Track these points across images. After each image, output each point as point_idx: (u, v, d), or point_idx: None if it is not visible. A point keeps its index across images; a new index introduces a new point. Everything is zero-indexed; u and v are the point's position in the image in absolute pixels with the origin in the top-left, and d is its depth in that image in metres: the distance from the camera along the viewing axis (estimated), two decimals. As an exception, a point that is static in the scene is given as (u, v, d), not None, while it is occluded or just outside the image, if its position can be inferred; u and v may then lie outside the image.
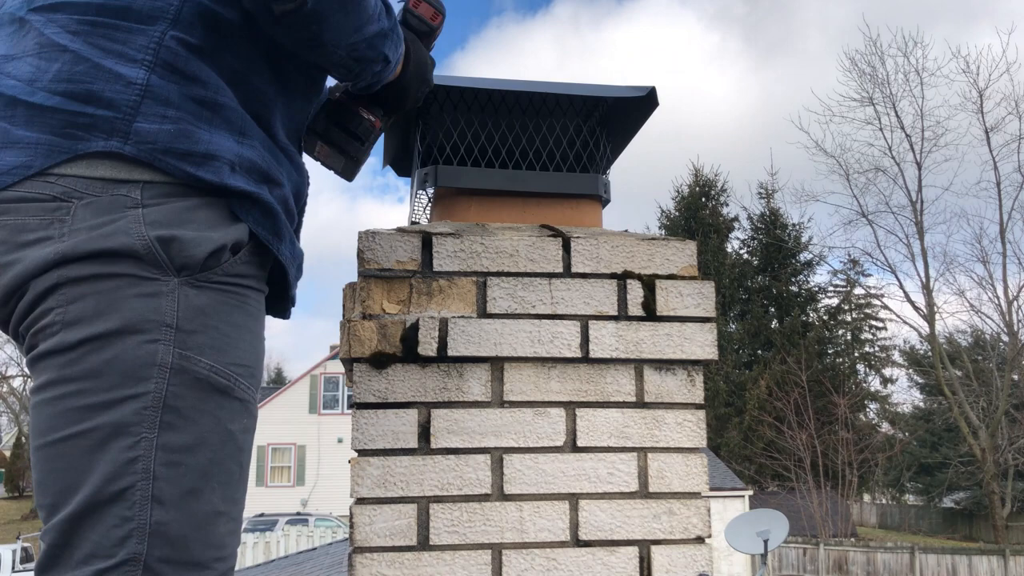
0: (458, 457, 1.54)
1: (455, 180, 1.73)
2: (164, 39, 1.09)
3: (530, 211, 1.75)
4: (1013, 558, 21.52)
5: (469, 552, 1.51)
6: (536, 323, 1.59)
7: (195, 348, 1.06)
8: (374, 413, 1.53)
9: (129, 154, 1.05)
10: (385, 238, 1.58)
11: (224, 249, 1.09)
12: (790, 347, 32.17)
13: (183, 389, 1.04)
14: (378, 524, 1.50)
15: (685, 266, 1.66)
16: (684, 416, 1.62)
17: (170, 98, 1.08)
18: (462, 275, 1.59)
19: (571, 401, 1.59)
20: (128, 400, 1.02)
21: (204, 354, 1.06)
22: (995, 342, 31.64)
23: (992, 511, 28.59)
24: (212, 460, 1.07)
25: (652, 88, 1.75)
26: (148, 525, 1.01)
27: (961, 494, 34.70)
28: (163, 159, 1.06)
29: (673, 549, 1.57)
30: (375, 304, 1.56)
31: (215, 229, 1.08)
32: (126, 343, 1.02)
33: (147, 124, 1.06)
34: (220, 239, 1.08)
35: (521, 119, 1.76)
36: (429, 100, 1.73)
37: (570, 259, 1.63)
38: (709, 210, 37.09)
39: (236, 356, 1.10)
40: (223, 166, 1.09)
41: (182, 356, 1.05)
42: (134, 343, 1.03)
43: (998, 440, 28.58)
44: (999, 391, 28.38)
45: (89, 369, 1.02)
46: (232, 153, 1.10)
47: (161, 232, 1.05)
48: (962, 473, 31.06)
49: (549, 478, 1.55)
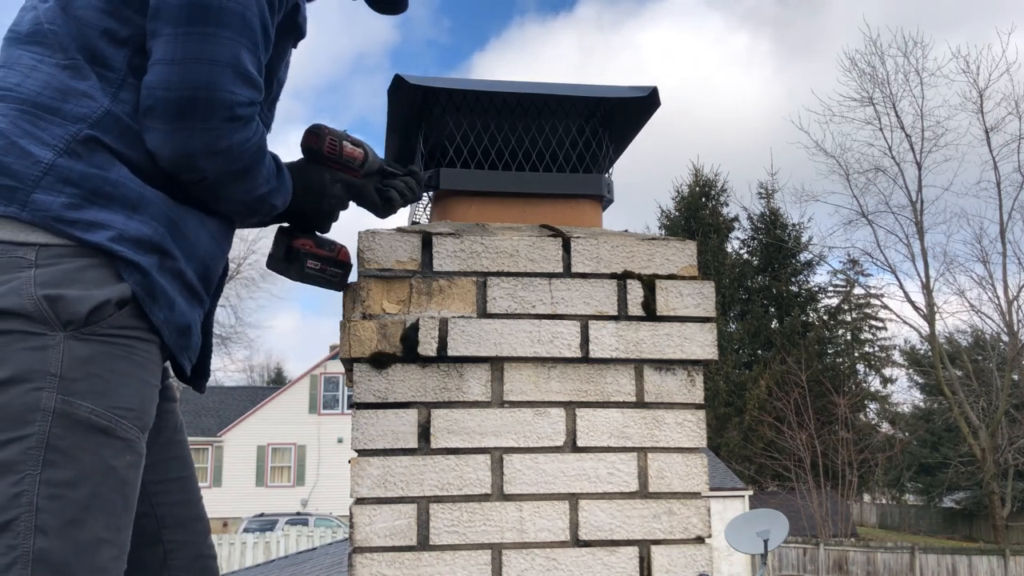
0: (458, 457, 1.54)
1: (458, 182, 1.73)
2: (79, 134, 1.24)
3: (530, 211, 1.75)
4: (1013, 558, 21.50)
5: (469, 552, 1.51)
6: (536, 323, 1.59)
7: (77, 394, 1.18)
8: (374, 413, 1.53)
9: (25, 219, 1.19)
10: (385, 238, 1.59)
11: (108, 304, 1.21)
12: (790, 347, 32.16)
13: (64, 431, 1.17)
14: (378, 524, 1.50)
15: (685, 266, 1.66)
16: (684, 416, 1.62)
17: (71, 178, 1.22)
18: (462, 275, 1.60)
19: (571, 401, 1.59)
20: (14, 442, 1.14)
21: (85, 399, 1.19)
22: (995, 342, 31.64)
23: (992, 511, 28.58)
24: (93, 493, 1.18)
25: (654, 88, 1.75)
26: (31, 552, 1.13)
27: (961, 494, 34.69)
28: (54, 224, 1.20)
29: (673, 549, 1.57)
30: (375, 304, 1.56)
31: (100, 287, 1.21)
32: (13, 391, 1.15)
33: (44, 196, 1.21)
34: (102, 296, 1.21)
35: (523, 120, 1.76)
36: (431, 102, 1.73)
37: (570, 259, 1.63)
38: (709, 210, 37.09)
39: (119, 400, 1.22)
40: (109, 232, 1.23)
41: (64, 401, 1.17)
42: (21, 391, 1.15)
43: (998, 440, 28.57)
44: (999, 391, 28.38)
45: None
46: (120, 224, 1.24)
47: (48, 292, 1.18)
48: (962, 473, 31.04)
49: (549, 478, 1.55)
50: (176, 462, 1.49)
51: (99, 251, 1.22)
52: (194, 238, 1.34)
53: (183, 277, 1.32)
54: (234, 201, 1.37)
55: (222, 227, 1.41)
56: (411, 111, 1.76)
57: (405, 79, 1.66)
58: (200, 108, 1.24)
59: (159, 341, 1.30)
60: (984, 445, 28.04)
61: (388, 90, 1.70)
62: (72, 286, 1.19)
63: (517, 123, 1.76)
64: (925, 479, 36.03)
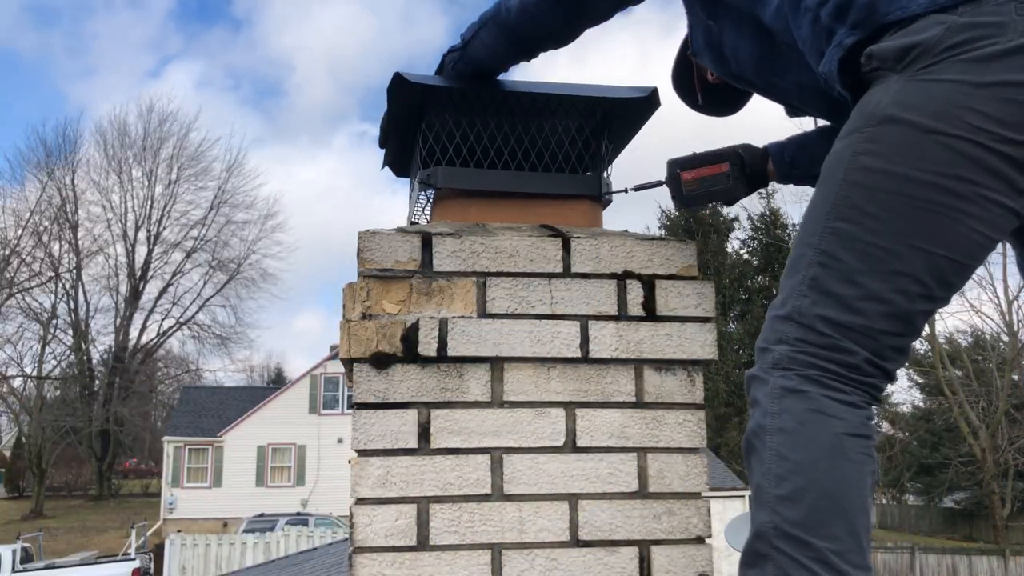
0: (458, 457, 1.54)
1: (457, 181, 1.73)
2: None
3: (530, 211, 1.75)
4: (1013, 558, 21.50)
5: (469, 552, 1.51)
6: (536, 323, 1.59)
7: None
8: (374, 413, 1.53)
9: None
10: (385, 238, 1.59)
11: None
12: (790, 347, 32.08)
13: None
14: (378, 524, 1.50)
15: (685, 266, 1.66)
16: (684, 416, 1.62)
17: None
18: (462, 275, 1.59)
19: (571, 401, 1.59)
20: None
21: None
22: (995, 342, 31.64)
23: (992, 511, 28.59)
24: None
25: (654, 89, 1.75)
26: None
27: (961, 494, 34.69)
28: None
29: (673, 549, 1.57)
30: (375, 304, 1.56)
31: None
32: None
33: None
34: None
35: (523, 120, 1.76)
36: (431, 101, 1.73)
37: (570, 259, 1.63)
38: (709, 210, 37.07)
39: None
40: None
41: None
42: None
43: (998, 440, 28.57)
44: (999, 391, 28.38)
45: None
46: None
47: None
48: (962, 473, 31.05)
49: (549, 478, 1.55)
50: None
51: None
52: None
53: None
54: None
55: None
56: (411, 109, 1.76)
57: (405, 77, 1.66)
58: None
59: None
60: (984, 445, 28.05)
61: (388, 88, 1.70)
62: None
63: (517, 122, 1.76)
64: (925, 479, 36.01)
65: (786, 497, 1.20)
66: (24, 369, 40.39)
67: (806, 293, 1.26)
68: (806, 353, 1.25)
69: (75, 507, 37.72)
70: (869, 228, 1.23)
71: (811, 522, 1.18)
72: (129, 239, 41.91)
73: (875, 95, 1.27)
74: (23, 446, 41.17)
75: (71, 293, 41.22)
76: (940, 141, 1.19)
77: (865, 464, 1.23)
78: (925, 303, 1.26)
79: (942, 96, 1.20)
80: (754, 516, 1.23)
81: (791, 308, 1.28)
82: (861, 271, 1.23)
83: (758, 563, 1.22)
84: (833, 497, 1.19)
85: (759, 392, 1.28)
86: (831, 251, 1.25)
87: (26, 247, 39.49)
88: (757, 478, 1.25)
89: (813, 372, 1.24)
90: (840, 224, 1.25)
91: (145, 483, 45.71)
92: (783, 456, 1.22)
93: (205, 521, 28.99)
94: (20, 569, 18.67)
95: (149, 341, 42.87)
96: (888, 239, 1.23)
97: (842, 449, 1.21)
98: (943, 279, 1.25)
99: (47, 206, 40.40)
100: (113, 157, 42.29)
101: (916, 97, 1.21)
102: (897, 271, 1.23)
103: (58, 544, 28.24)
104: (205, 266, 42.34)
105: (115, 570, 18.07)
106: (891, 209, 1.22)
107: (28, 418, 40.69)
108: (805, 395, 1.23)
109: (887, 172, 1.23)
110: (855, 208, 1.24)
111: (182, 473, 31.49)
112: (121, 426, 40.63)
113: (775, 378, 1.27)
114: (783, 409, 1.24)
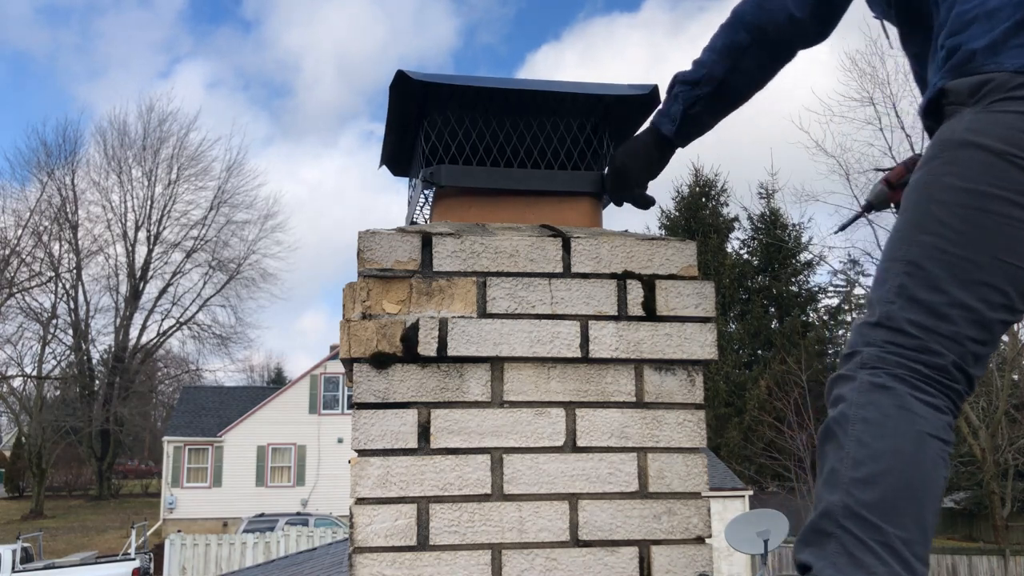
0: (458, 457, 1.54)
1: (458, 179, 1.72)
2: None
3: (530, 211, 1.75)
4: (1013, 558, 21.51)
5: (469, 552, 1.51)
6: (536, 323, 1.59)
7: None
8: (374, 413, 1.53)
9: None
10: (385, 238, 1.58)
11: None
12: (790, 347, 32.15)
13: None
14: (378, 524, 1.49)
15: (685, 266, 1.66)
16: (684, 416, 1.61)
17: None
18: (462, 275, 1.59)
19: (571, 401, 1.59)
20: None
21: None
22: (995, 342, 31.60)
23: (992, 511, 28.58)
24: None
25: (654, 87, 1.75)
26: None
27: (961, 494, 34.68)
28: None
29: (673, 549, 1.57)
30: (375, 304, 1.56)
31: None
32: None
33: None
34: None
35: (524, 118, 1.76)
36: (433, 99, 1.73)
37: (570, 259, 1.62)
38: (709, 210, 37.09)
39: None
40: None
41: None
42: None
43: (998, 440, 28.56)
44: (999, 391, 28.36)
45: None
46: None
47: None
48: (962, 473, 31.03)
49: (549, 478, 1.55)
50: None
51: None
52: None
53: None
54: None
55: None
56: (412, 107, 1.76)
57: (407, 74, 1.66)
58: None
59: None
60: (984, 445, 28.03)
61: (390, 85, 1.70)
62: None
63: (518, 120, 1.75)
64: (925, 479, 35.89)
65: (862, 480, 1.22)
66: (24, 369, 40.42)
67: (893, 300, 1.31)
68: (895, 354, 1.28)
69: (75, 507, 37.73)
70: (952, 240, 1.29)
71: (884, 506, 1.20)
72: (129, 239, 41.95)
73: (951, 125, 1.37)
74: (23, 446, 41.16)
75: (71, 293, 41.26)
76: (1012, 161, 1.28)
77: (940, 468, 1.26)
78: (1005, 313, 1.31)
79: (1009, 123, 1.30)
80: (823, 497, 1.24)
81: (880, 314, 1.32)
82: (946, 279, 1.29)
83: (818, 541, 1.22)
84: (909, 487, 1.22)
85: (844, 388, 1.31)
86: (917, 261, 1.31)
87: (26, 247, 39.55)
88: (832, 462, 1.26)
89: (902, 372, 1.27)
90: (925, 237, 1.32)
91: (145, 483, 45.73)
92: (864, 443, 1.24)
93: (205, 521, 29.01)
94: (20, 569, 18.67)
95: (149, 341, 42.92)
96: (970, 250, 1.29)
97: (924, 446, 1.24)
98: (1021, 289, 1.31)
99: (47, 206, 40.46)
100: (113, 157, 42.36)
101: (986, 124, 1.32)
102: (980, 280, 1.28)
103: (58, 544, 28.25)
104: (205, 266, 42.38)
105: (115, 570, 18.07)
106: (972, 222, 1.29)
107: (28, 418, 40.70)
108: (893, 391, 1.26)
109: (967, 189, 1.30)
110: (939, 222, 1.31)
111: (182, 473, 31.49)
112: (121, 426, 40.64)
113: (863, 375, 1.29)
114: (869, 402, 1.27)
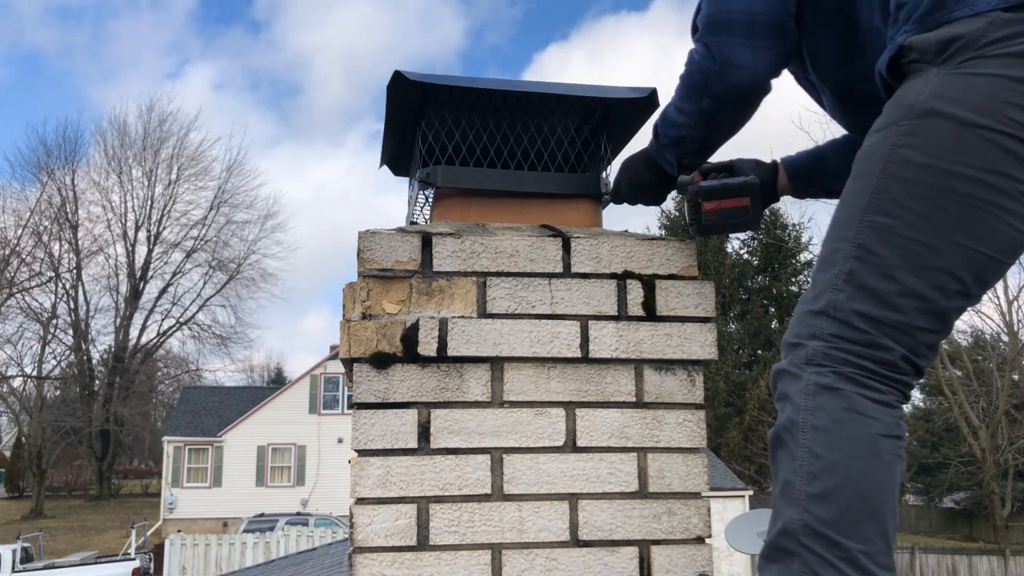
0: (458, 457, 1.54)
1: (456, 180, 1.72)
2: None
3: (530, 211, 1.75)
4: (1013, 558, 21.50)
5: (469, 552, 1.51)
6: (536, 323, 1.59)
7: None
8: (374, 413, 1.53)
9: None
10: (385, 238, 1.58)
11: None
12: (790, 347, 32.07)
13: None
14: (378, 524, 1.50)
15: (685, 266, 1.66)
16: (684, 416, 1.61)
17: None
18: (462, 275, 1.59)
19: (571, 401, 1.59)
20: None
21: None
22: (995, 342, 31.63)
23: (992, 511, 28.57)
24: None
25: (653, 89, 1.75)
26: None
27: (961, 494, 34.69)
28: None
29: (673, 549, 1.57)
30: (375, 304, 1.56)
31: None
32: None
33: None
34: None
35: (522, 119, 1.76)
36: (431, 99, 1.73)
37: (570, 259, 1.63)
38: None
39: None
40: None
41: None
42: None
43: (998, 440, 28.55)
44: (999, 391, 28.36)
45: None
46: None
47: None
48: (962, 473, 31.04)
49: (549, 478, 1.55)
50: None
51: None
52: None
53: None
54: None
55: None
56: (410, 108, 1.76)
57: (405, 75, 1.66)
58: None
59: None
60: (984, 445, 28.03)
61: (387, 86, 1.70)
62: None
63: (516, 122, 1.76)
64: (925, 479, 36.01)
65: (818, 496, 1.19)
66: (24, 369, 40.39)
67: (842, 288, 1.24)
68: (842, 350, 1.23)
69: (75, 507, 37.71)
70: (908, 223, 1.21)
71: (843, 522, 1.17)
72: (129, 239, 41.91)
73: (913, 87, 1.24)
74: (23, 446, 41.13)
75: (71, 293, 41.23)
76: (982, 136, 1.18)
77: (896, 465, 1.22)
78: (961, 300, 1.24)
79: (984, 90, 1.18)
80: (781, 512, 1.21)
81: (826, 303, 1.25)
82: (899, 266, 1.21)
83: (782, 559, 1.20)
84: (866, 498, 1.18)
85: (791, 387, 1.26)
86: (868, 245, 1.23)
87: (26, 247, 39.50)
88: (786, 474, 1.23)
89: (848, 369, 1.23)
90: (878, 218, 1.23)
91: (145, 483, 45.71)
92: (817, 454, 1.20)
93: (205, 521, 29.00)
94: (20, 569, 18.67)
95: (149, 341, 42.88)
96: (928, 234, 1.20)
97: (877, 450, 1.20)
98: (980, 276, 1.23)
99: (47, 206, 40.41)
100: (113, 157, 42.30)
101: (958, 90, 1.19)
102: (936, 267, 1.21)
103: (58, 544, 28.24)
104: (205, 266, 42.34)
105: (115, 570, 18.06)
106: (932, 204, 1.20)
107: (28, 418, 40.67)
108: (840, 393, 1.22)
109: (928, 166, 1.20)
110: (894, 202, 1.22)
111: (182, 473, 31.48)
112: (121, 426, 40.62)
113: (809, 374, 1.24)
114: (818, 406, 1.22)
